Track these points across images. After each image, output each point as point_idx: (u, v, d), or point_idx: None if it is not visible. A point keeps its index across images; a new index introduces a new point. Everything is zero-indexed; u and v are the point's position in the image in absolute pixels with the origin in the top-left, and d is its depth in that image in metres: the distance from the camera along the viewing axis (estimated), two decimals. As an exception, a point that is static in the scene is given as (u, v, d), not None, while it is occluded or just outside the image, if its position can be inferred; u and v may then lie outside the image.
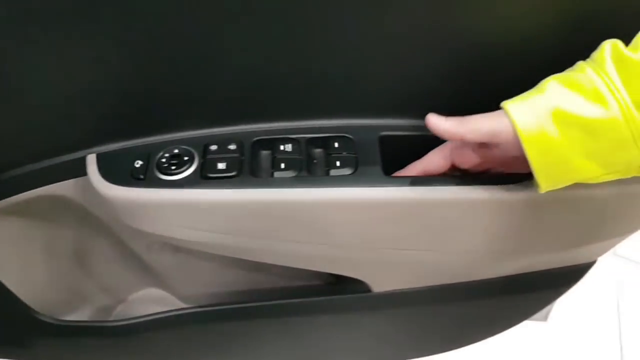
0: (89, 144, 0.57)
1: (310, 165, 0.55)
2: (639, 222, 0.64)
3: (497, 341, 1.35)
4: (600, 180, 0.47)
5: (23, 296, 0.66)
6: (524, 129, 0.45)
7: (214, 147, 0.55)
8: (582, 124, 0.43)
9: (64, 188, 0.59)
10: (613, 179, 0.47)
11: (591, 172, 0.46)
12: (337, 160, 0.55)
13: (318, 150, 0.57)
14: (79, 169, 0.57)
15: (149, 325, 0.70)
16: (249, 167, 0.54)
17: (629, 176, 0.48)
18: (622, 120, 0.42)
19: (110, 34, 0.48)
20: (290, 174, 0.54)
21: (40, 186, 0.59)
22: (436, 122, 0.49)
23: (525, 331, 1.38)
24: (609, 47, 0.44)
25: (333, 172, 0.54)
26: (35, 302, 0.68)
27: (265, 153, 0.56)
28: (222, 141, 0.56)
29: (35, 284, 0.68)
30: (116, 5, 0.45)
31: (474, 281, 0.68)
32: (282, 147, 0.56)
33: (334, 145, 0.56)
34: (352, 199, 0.53)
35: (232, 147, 0.55)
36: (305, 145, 0.56)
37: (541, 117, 0.44)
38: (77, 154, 0.57)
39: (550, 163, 0.46)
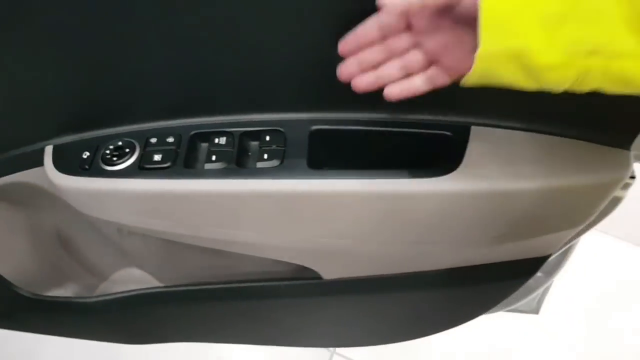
0: (46, 137, 0.62)
1: (242, 158, 0.59)
2: (581, 218, 0.64)
3: (488, 333, 1.36)
4: (542, 69, 0.44)
5: (3, 272, 0.73)
6: None
7: (153, 140, 0.60)
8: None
9: (31, 176, 0.65)
10: (552, 77, 0.44)
11: (537, 43, 0.43)
12: (266, 153, 0.58)
13: (252, 143, 0.60)
14: (40, 159, 0.62)
15: (118, 302, 0.76)
16: (184, 159, 0.58)
17: (568, 77, 0.44)
18: None
19: (52, 40, 0.52)
20: (219, 165, 0.58)
21: (10, 174, 0.65)
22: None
23: (517, 323, 1.37)
24: None
25: (260, 165, 0.57)
26: (16, 279, 0.75)
27: (203, 146, 0.60)
28: (162, 134, 0.60)
29: (16, 262, 0.75)
30: (50, 17, 0.50)
31: (422, 272, 0.70)
32: (216, 140, 0.59)
33: (265, 138, 0.59)
34: (274, 190, 0.57)
35: (170, 139, 0.59)
36: (239, 139, 0.60)
37: None
38: (37, 145, 0.62)
39: (499, 21, 0.43)
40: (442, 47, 0.48)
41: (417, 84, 0.49)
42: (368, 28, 0.48)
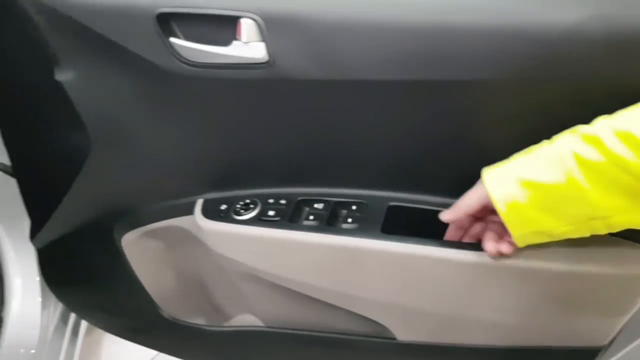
0: (199, 192, 0.86)
1: (332, 220, 0.77)
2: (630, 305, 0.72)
3: None
4: (564, 234, 0.63)
5: (154, 297, 0.96)
6: (493, 192, 0.63)
7: (271, 201, 0.80)
8: (538, 187, 0.60)
9: (183, 222, 0.89)
10: (574, 235, 0.62)
11: (549, 224, 0.62)
12: (350, 218, 0.76)
13: (342, 210, 0.78)
14: (192, 209, 0.86)
15: (230, 334, 0.95)
16: (290, 216, 0.78)
17: (586, 233, 0.62)
18: (568, 183, 0.58)
19: (212, 125, 0.77)
20: (314, 223, 0.76)
21: (167, 219, 0.89)
22: (441, 218, 0.70)
23: None
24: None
25: (344, 226, 0.75)
26: (162, 303, 0.97)
27: (305, 208, 0.80)
28: (277, 197, 0.81)
29: (162, 289, 0.98)
30: (198, 107, 0.75)
31: (485, 347, 0.81)
32: (315, 205, 0.78)
33: (352, 207, 0.77)
34: (350, 246, 0.74)
35: (282, 202, 0.80)
36: (332, 205, 0.78)
37: (507, 181, 0.62)
38: (191, 199, 0.86)
39: (517, 218, 0.63)
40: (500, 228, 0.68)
41: (504, 249, 0.69)
42: (451, 230, 0.74)
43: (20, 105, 0.86)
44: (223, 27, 0.70)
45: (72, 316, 1.22)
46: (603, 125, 0.57)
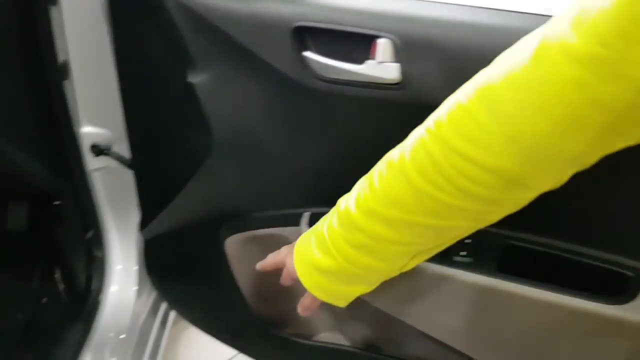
0: (307, 205, 0.86)
1: (446, 251, 0.74)
2: None
3: None
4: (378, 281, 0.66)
5: (249, 301, 0.97)
6: (301, 278, 0.68)
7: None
8: (316, 267, 0.65)
9: (287, 232, 0.89)
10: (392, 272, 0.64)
11: (360, 290, 0.67)
12: (463, 251, 0.73)
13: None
14: (298, 220, 0.86)
15: (323, 351, 0.94)
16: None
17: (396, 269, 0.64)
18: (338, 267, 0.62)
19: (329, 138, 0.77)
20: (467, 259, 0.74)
21: (273, 227, 0.90)
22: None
23: None
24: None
25: (456, 258, 0.73)
26: (256, 309, 0.98)
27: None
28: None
29: (259, 295, 0.98)
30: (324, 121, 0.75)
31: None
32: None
33: (465, 240, 0.74)
34: (464, 280, 0.71)
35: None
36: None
37: (307, 267, 0.67)
38: (299, 210, 0.86)
39: (327, 296, 0.68)
40: None
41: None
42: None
43: (149, 102, 0.90)
44: (358, 45, 0.71)
45: (162, 307, 1.25)
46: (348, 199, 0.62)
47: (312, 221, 0.83)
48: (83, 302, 1.12)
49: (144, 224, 1.00)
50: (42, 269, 1.26)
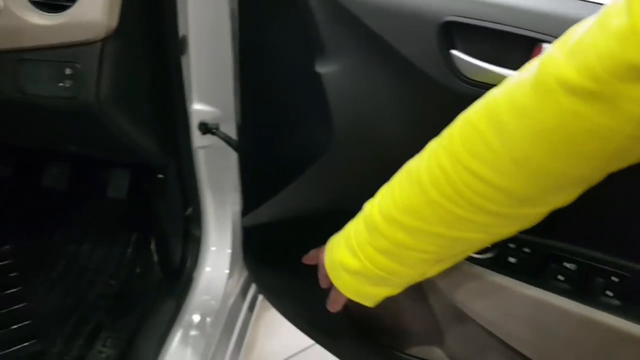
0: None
1: (586, 287, 0.66)
2: None
3: None
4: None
5: (352, 307, 0.92)
6: (334, 280, 0.69)
7: (512, 245, 0.71)
8: (344, 266, 0.66)
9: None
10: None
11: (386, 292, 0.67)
12: (610, 291, 0.65)
13: (598, 279, 0.67)
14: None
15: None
16: (534, 269, 0.69)
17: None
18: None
19: None
20: (564, 285, 0.66)
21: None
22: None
23: None
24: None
25: (602, 299, 0.64)
26: (354, 313, 0.93)
27: (552, 264, 0.70)
28: (521, 243, 0.71)
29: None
30: None
31: None
32: (566, 264, 0.68)
33: (611, 277, 0.66)
34: (611, 325, 0.63)
35: (527, 250, 0.71)
36: (586, 269, 0.67)
37: (336, 268, 0.68)
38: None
39: (360, 297, 0.68)
40: None
41: None
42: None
43: (267, 86, 0.86)
44: (516, 48, 0.63)
45: (250, 294, 1.24)
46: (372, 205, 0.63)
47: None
48: (176, 279, 1.11)
49: (245, 211, 0.97)
50: (139, 239, 1.28)
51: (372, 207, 0.62)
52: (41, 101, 0.84)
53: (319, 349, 1.08)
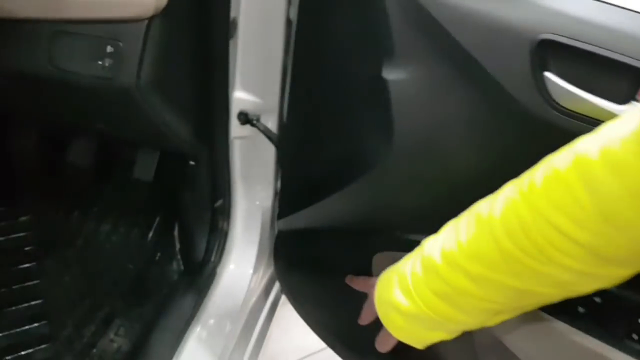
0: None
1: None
2: None
3: None
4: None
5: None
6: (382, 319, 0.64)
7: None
8: (396, 307, 0.59)
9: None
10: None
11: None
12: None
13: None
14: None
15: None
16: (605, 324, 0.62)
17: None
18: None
19: None
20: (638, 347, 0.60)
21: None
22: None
23: None
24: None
25: None
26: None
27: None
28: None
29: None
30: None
31: None
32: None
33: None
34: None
35: (597, 299, 0.64)
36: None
37: (387, 307, 0.62)
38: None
39: (407, 337, 0.63)
40: None
41: None
42: None
43: (322, 85, 0.79)
44: (619, 79, 0.55)
45: (272, 294, 1.18)
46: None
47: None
48: (199, 273, 1.05)
49: (281, 214, 0.90)
50: (161, 224, 1.22)
51: (433, 247, 0.57)
52: (76, 79, 0.78)
53: (331, 353, 1.02)
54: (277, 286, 1.19)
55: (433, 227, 0.75)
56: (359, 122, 0.75)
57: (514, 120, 0.61)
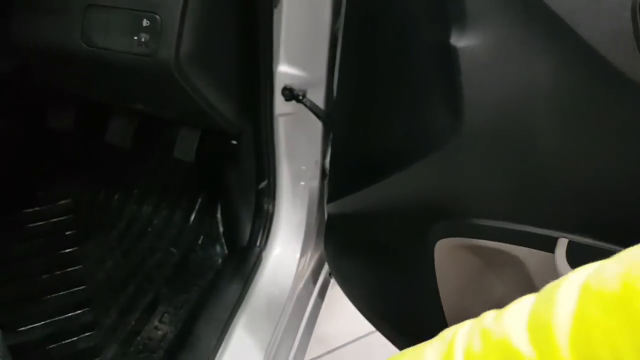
0: (559, 229, 0.64)
1: None
2: None
3: None
4: None
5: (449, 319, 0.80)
6: None
7: None
8: None
9: (524, 253, 0.69)
10: None
11: None
12: None
13: None
14: (546, 245, 0.65)
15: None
16: None
17: None
18: None
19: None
20: None
21: (501, 242, 0.70)
22: None
23: None
24: None
25: None
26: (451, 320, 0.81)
27: None
28: None
29: (456, 312, 0.81)
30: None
31: None
32: None
33: None
34: None
35: None
36: None
37: None
38: (546, 232, 0.65)
39: None
40: None
41: None
42: None
43: (378, 55, 0.71)
44: None
45: (321, 279, 1.12)
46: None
47: (573, 253, 0.63)
48: (244, 257, 1.00)
49: (331, 198, 0.84)
50: (204, 206, 1.17)
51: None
52: (111, 56, 0.72)
53: (380, 337, 0.97)
54: (325, 269, 1.14)
55: (508, 212, 0.68)
56: (423, 96, 0.67)
57: (609, 90, 0.53)
